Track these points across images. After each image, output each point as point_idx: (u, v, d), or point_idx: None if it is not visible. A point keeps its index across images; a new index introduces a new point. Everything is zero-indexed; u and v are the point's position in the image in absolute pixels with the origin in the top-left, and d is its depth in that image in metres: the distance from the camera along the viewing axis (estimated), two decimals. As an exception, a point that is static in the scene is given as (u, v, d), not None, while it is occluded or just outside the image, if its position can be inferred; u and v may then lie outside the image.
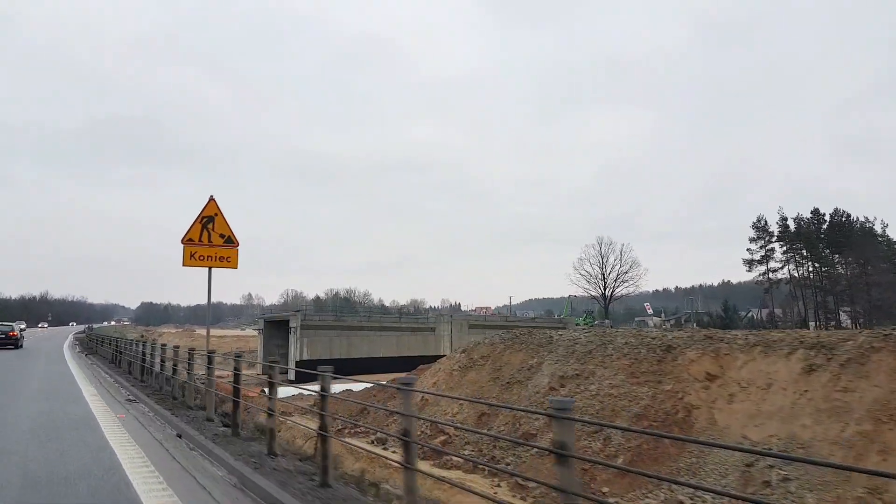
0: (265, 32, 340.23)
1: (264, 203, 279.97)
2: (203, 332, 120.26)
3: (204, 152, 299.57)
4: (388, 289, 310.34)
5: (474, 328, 62.66)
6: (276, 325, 62.08)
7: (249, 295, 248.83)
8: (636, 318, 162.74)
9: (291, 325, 53.37)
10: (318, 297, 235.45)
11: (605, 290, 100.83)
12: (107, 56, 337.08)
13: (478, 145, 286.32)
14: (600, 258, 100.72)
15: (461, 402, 15.90)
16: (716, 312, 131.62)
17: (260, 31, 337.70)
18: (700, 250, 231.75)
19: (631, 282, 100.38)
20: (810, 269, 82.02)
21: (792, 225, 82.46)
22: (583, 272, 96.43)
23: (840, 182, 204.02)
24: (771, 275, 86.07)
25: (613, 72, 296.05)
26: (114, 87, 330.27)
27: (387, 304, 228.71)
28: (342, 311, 57.30)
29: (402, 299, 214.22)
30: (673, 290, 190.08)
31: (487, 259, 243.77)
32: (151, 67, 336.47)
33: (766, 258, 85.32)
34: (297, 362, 51.75)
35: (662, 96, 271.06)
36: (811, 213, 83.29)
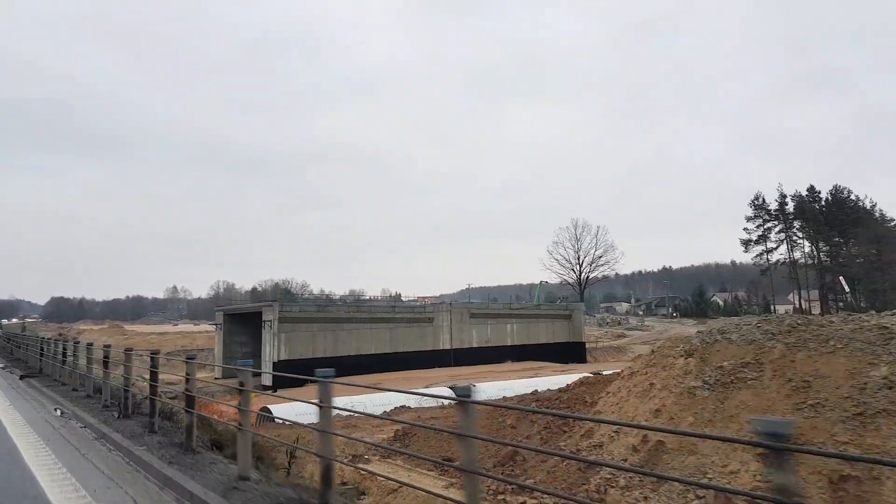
0: (185, 17, 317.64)
1: (183, 193, 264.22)
2: (136, 328, 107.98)
3: (118, 140, 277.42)
4: (324, 280, 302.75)
5: (476, 318, 55.54)
6: (239, 319, 52.84)
7: (174, 288, 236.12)
8: (602, 305, 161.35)
9: (266, 317, 44.52)
10: (255, 289, 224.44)
11: (580, 274, 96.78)
12: (14, 36, 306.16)
13: (407, 137, 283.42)
14: (575, 241, 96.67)
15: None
16: (686, 297, 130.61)
17: (180, 16, 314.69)
18: (675, 235, 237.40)
19: (607, 265, 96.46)
20: (812, 248, 79.73)
21: (790, 204, 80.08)
22: (557, 256, 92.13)
23: (742, 174, 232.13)
24: (770, 255, 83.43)
25: (535, 66, 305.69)
26: (22, 68, 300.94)
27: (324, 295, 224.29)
28: (322, 302, 48.64)
29: (340, 290, 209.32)
30: (643, 272, 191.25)
31: (420, 250, 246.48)
32: (63, 49, 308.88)
33: (763, 238, 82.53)
34: (274, 363, 43.10)
35: (583, 90, 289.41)
36: (807, 190, 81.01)
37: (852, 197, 78.29)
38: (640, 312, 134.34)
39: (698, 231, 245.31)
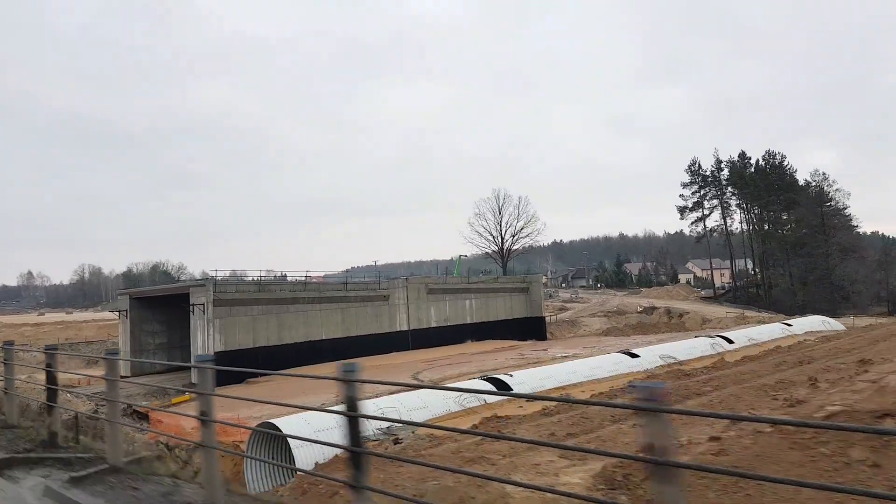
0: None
1: (34, 171, 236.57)
2: (24, 319, 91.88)
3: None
4: (200, 262, 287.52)
5: (434, 294, 50.09)
6: (150, 304, 44.12)
7: (30, 274, 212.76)
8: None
9: (195, 300, 36.55)
10: (129, 272, 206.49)
11: (502, 245, 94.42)
12: None
13: (279, 114, 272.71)
14: (498, 212, 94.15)
15: None
16: (610, 268, 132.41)
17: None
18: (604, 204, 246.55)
19: (529, 237, 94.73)
20: (745, 216, 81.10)
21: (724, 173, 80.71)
22: (479, 228, 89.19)
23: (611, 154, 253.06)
24: (703, 223, 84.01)
25: (411, 46, 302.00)
26: None
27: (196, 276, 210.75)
28: (264, 282, 41.12)
29: (220, 272, 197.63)
30: (570, 242, 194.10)
31: (300, 230, 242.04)
32: None
33: (698, 204, 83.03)
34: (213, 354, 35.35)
35: (457, 71, 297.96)
36: (738, 156, 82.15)
37: (786, 163, 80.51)
38: (564, 285, 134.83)
39: (583, 207, 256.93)
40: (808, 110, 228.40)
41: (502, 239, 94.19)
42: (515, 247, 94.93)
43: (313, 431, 16.36)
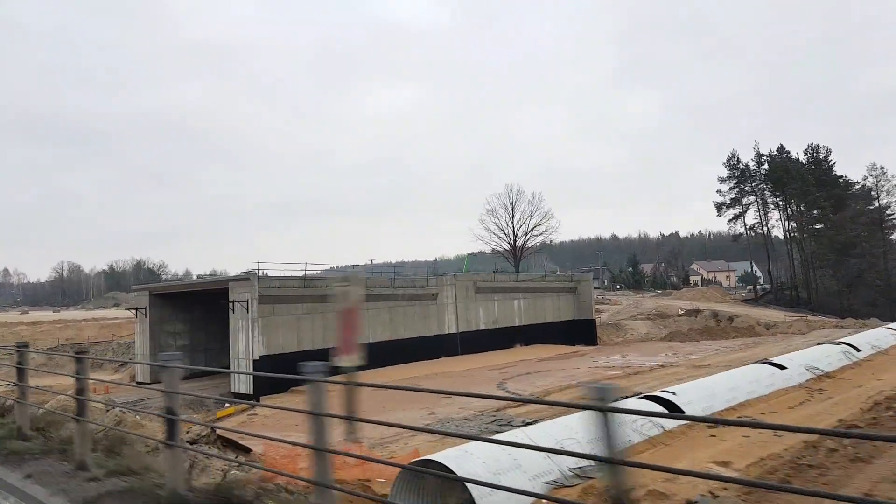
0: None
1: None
2: (11, 317, 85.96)
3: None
4: (178, 260, 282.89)
5: (482, 292, 45.91)
6: (172, 301, 39.62)
7: (6, 271, 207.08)
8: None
9: (237, 297, 32.10)
10: (111, 269, 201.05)
11: (514, 243, 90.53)
12: None
13: (258, 113, 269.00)
14: (510, 208, 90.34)
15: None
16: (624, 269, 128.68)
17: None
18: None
19: (543, 235, 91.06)
20: (784, 214, 77.19)
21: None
22: (490, 225, 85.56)
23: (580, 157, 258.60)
24: (742, 220, 79.78)
25: (389, 46, 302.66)
26: None
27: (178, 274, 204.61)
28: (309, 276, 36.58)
29: (198, 269, 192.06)
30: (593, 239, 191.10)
31: (279, 229, 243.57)
32: None
33: (736, 201, 79.29)
34: (254, 361, 31.25)
35: (433, 74, 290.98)
36: (777, 150, 78.50)
37: (831, 158, 76.75)
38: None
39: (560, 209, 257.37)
40: (784, 113, 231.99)
41: (515, 236, 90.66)
42: (530, 243, 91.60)
43: (492, 474, 12.17)
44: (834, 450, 12.21)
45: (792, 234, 75.40)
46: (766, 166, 77.45)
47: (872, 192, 70.24)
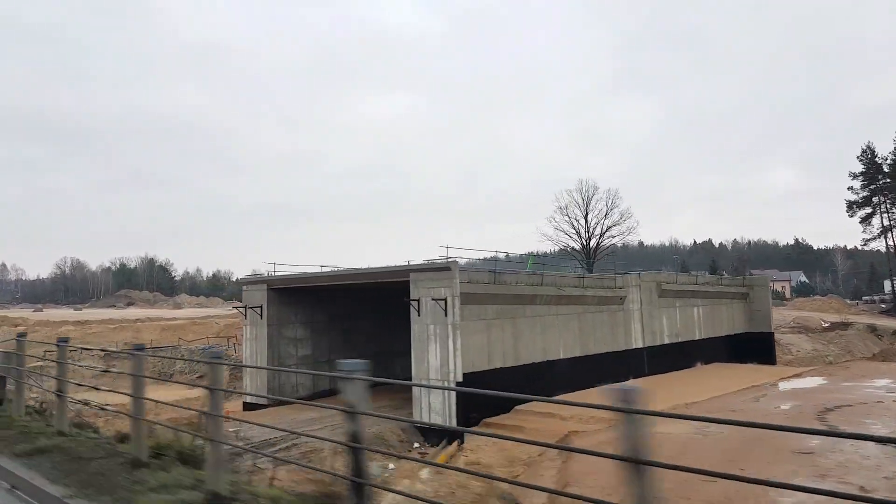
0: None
1: None
2: (25, 314, 76.83)
3: None
4: (180, 259, 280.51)
5: (665, 297, 37.14)
6: (294, 299, 31.04)
7: (3, 266, 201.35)
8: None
9: (428, 294, 23.40)
10: (123, 265, 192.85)
11: (588, 242, 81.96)
12: None
13: (246, 116, 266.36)
14: (584, 204, 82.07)
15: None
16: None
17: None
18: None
19: (620, 235, 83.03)
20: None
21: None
22: (563, 224, 77.55)
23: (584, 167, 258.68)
24: (881, 219, 70.42)
25: (383, 53, 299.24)
26: None
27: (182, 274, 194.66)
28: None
29: (205, 270, 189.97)
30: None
31: (273, 230, 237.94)
32: None
33: (868, 199, 70.60)
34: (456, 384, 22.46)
35: (429, 80, 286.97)
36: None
37: None
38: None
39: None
40: (769, 128, 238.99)
41: (589, 235, 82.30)
42: (608, 243, 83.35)
43: None
44: None
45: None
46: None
47: None
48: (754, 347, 43.33)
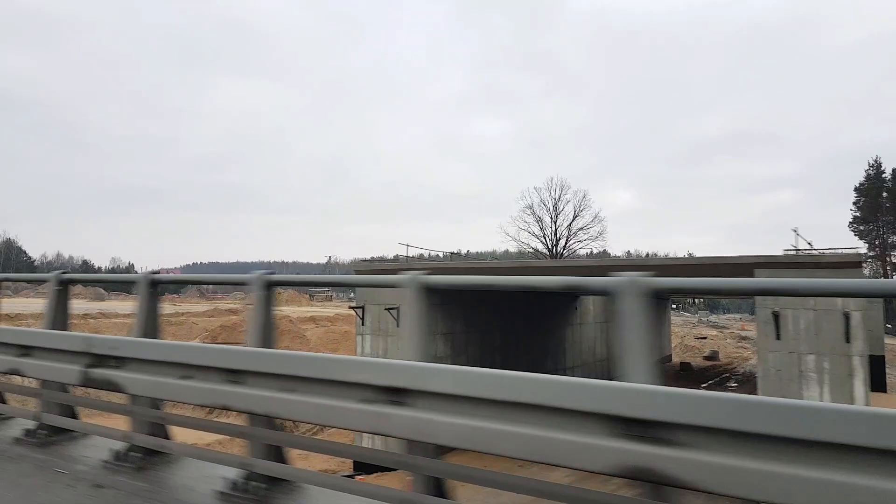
0: None
1: None
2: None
3: None
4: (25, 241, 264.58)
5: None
6: (444, 296, 25.19)
7: None
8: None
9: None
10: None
11: (554, 246, 74.80)
12: None
13: (90, 91, 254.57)
14: (553, 203, 74.61)
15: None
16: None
17: None
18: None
19: (589, 240, 76.06)
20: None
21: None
22: (524, 222, 71.23)
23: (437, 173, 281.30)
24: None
25: (238, 42, 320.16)
26: None
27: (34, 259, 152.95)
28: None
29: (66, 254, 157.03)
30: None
31: (96, 218, 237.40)
32: None
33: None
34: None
35: (291, 73, 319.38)
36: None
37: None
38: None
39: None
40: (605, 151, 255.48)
41: (556, 239, 74.64)
42: (579, 249, 76.31)
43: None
44: None
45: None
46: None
47: None
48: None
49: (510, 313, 27.30)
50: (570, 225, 68.00)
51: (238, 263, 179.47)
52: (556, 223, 68.67)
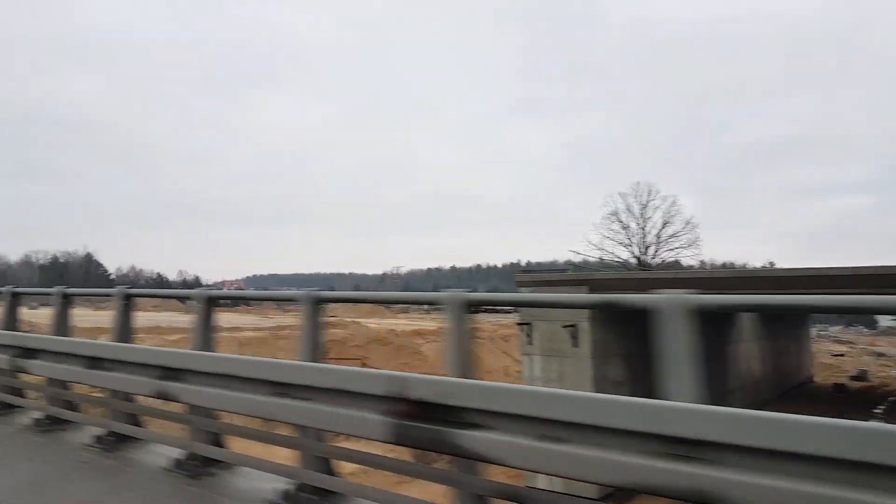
0: None
1: None
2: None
3: None
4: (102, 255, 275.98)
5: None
6: (626, 313, 17.73)
7: None
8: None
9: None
10: (55, 260, 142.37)
11: (642, 255, 71.19)
12: None
13: (144, 112, 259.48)
14: (641, 213, 70.89)
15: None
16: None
17: None
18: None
19: (679, 249, 71.94)
20: None
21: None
22: (610, 230, 67.48)
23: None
24: None
25: (283, 59, 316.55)
26: None
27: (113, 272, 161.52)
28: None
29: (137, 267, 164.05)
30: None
31: (181, 233, 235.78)
32: None
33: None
34: None
35: (330, 90, 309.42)
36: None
37: None
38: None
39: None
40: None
41: (644, 248, 71.22)
42: (665, 255, 72.64)
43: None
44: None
45: None
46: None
47: None
48: None
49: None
50: (659, 232, 64.95)
51: (297, 276, 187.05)
52: (644, 230, 65.20)
